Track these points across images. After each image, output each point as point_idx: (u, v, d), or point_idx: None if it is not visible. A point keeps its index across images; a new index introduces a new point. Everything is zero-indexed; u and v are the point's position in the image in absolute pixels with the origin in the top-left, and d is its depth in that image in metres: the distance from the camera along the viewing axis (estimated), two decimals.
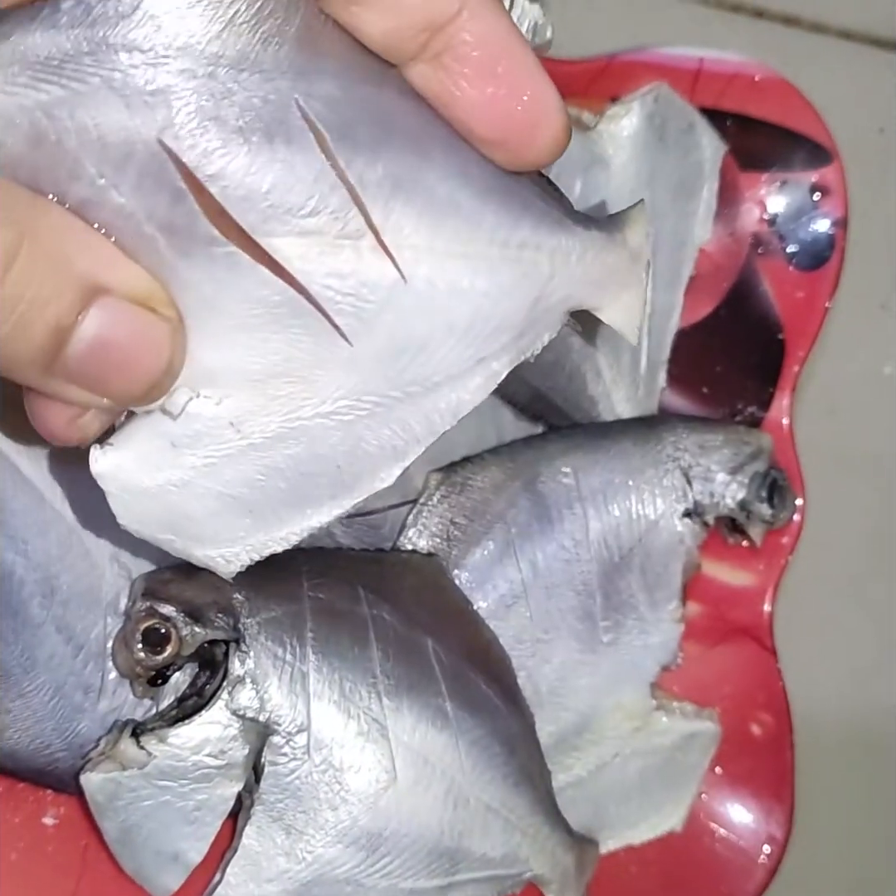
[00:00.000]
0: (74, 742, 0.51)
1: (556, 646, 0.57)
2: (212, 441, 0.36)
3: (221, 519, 0.37)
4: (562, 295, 0.38)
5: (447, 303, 0.36)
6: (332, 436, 0.36)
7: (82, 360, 0.33)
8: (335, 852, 0.50)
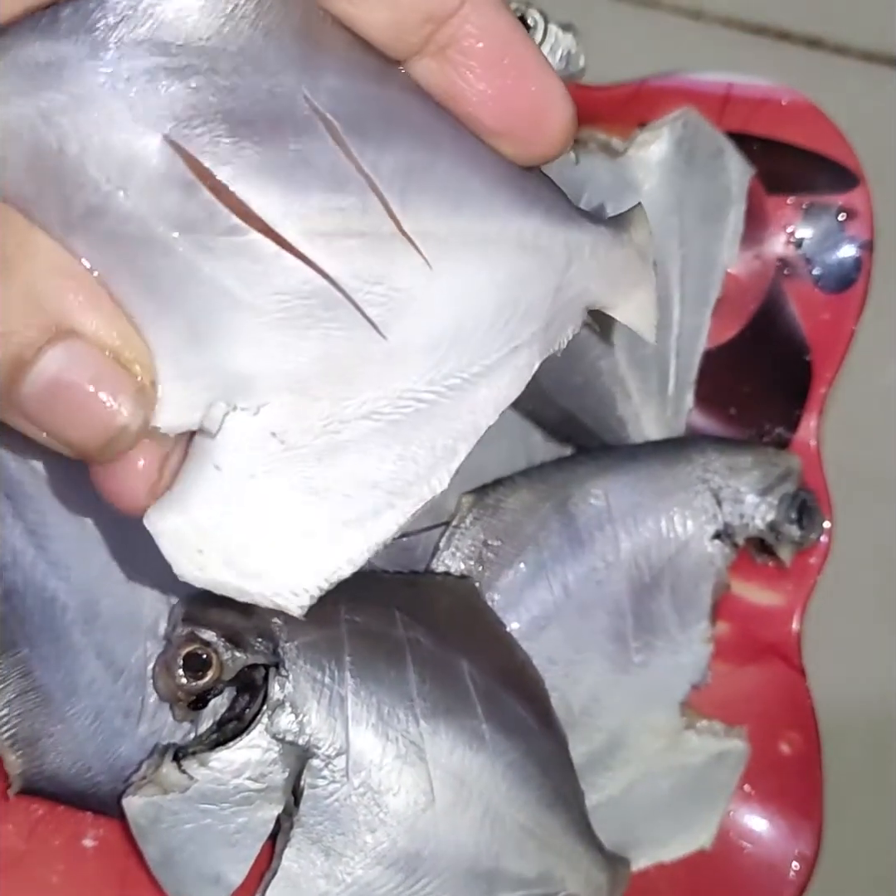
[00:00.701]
0: (115, 765, 0.51)
1: (588, 666, 0.57)
2: (256, 456, 0.34)
3: (279, 546, 0.35)
4: (579, 287, 0.38)
5: (473, 291, 0.35)
6: (378, 440, 0.35)
7: (37, 398, 0.31)
8: (374, 874, 0.51)
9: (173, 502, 0.35)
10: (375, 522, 0.36)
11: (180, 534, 0.34)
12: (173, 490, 0.35)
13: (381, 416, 0.35)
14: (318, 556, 0.35)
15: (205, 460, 0.34)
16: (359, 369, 0.34)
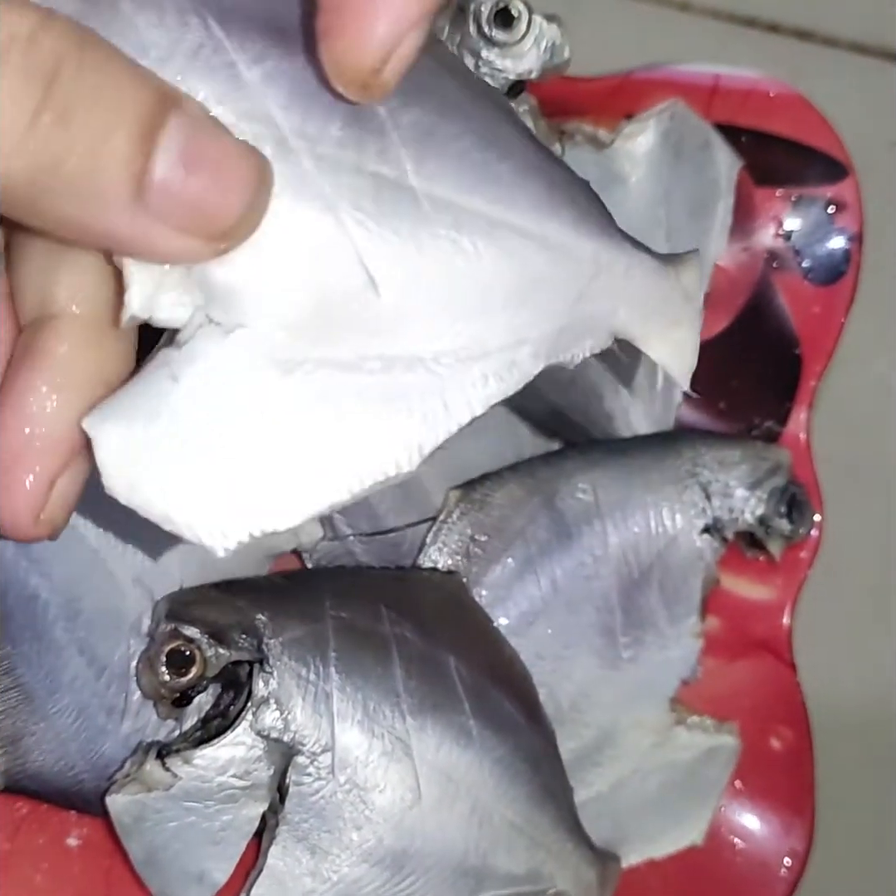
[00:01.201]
0: (98, 763, 0.51)
1: (576, 662, 0.57)
2: (217, 378, 0.31)
3: (219, 481, 0.32)
4: (606, 305, 0.35)
5: (482, 270, 0.33)
6: (355, 396, 0.32)
7: (173, 178, 0.28)
8: (360, 872, 0.50)
9: (119, 408, 0.31)
10: (327, 483, 0.32)
11: (119, 444, 0.31)
12: (120, 395, 0.32)
13: (363, 373, 0.32)
14: (256, 503, 0.32)
15: (162, 372, 0.31)
16: (347, 319, 0.32)
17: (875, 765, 0.62)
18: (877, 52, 0.65)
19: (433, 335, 0.33)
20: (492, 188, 0.34)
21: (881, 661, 0.63)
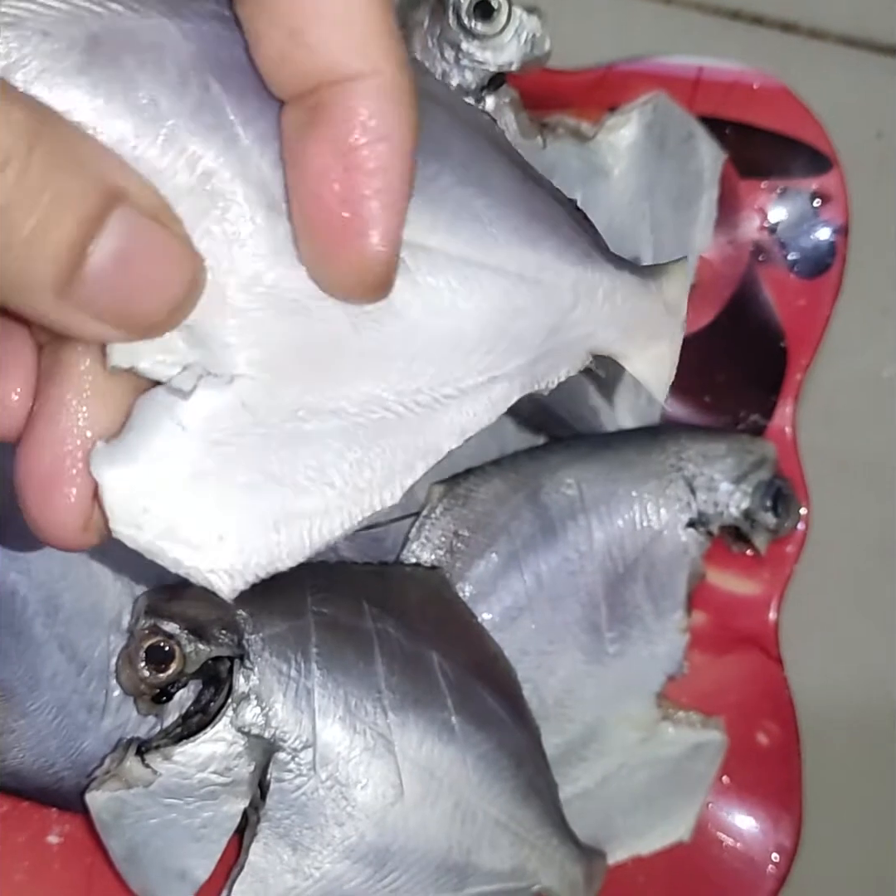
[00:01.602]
0: (79, 760, 0.51)
1: (561, 657, 0.57)
2: (226, 426, 0.33)
3: (226, 524, 0.33)
4: (584, 331, 0.36)
5: (456, 313, 0.34)
6: (341, 438, 0.34)
7: (102, 276, 0.29)
8: (342, 868, 0.50)
9: (125, 451, 0.32)
10: (323, 521, 0.34)
11: (127, 486, 0.32)
12: (126, 440, 0.32)
13: (348, 416, 0.34)
14: (263, 543, 0.34)
15: (166, 417, 0.32)
16: (333, 365, 0.33)
17: (863, 759, 0.62)
18: (861, 45, 0.65)
19: (410, 376, 0.34)
20: (469, 227, 0.34)
21: (869, 656, 0.62)
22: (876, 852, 0.61)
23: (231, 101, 0.31)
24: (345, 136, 0.29)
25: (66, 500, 0.32)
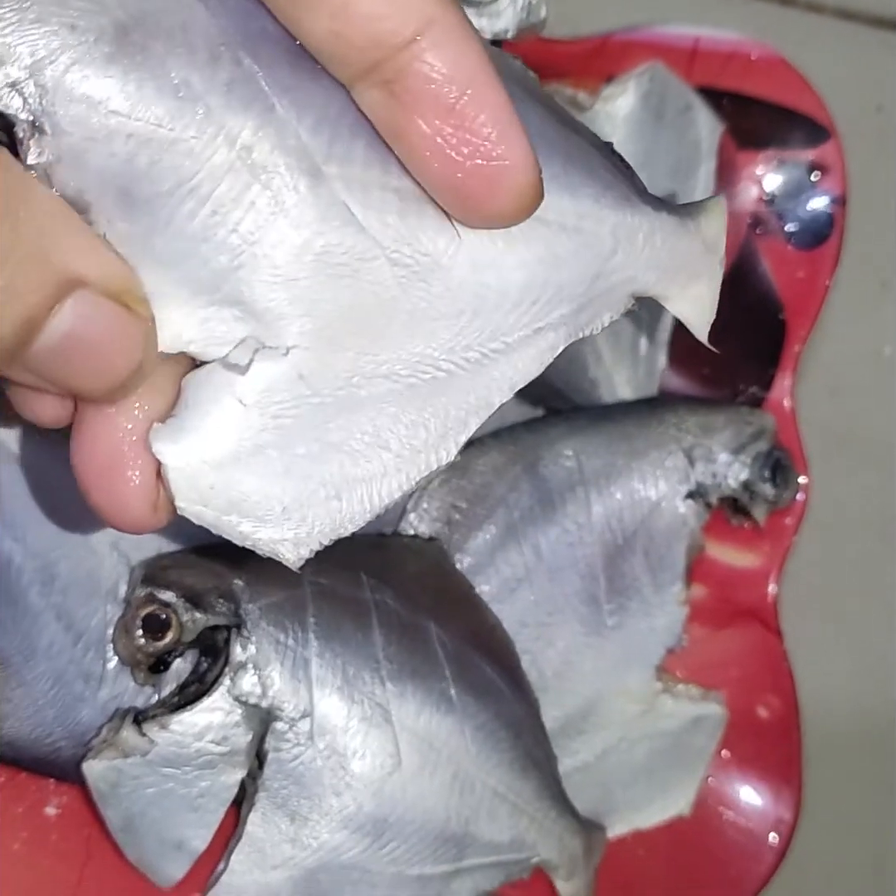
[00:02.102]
0: (76, 730, 0.50)
1: (560, 629, 0.57)
2: (283, 398, 0.33)
3: (289, 494, 0.34)
4: (625, 275, 0.36)
5: (500, 266, 0.34)
6: (395, 401, 0.34)
7: (50, 355, 0.30)
8: (340, 838, 0.50)
9: (186, 429, 0.33)
10: (381, 484, 0.35)
11: (191, 463, 0.33)
12: (186, 416, 0.33)
13: (400, 378, 0.34)
14: (325, 511, 0.34)
15: (225, 394, 0.33)
16: (383, 327, 0.33)
17: (863, 732, 0.62)
18: (860, 17, 0.65)
19: (458, 333, 0.34)
20: None
21: (869, 628, 0.62)
22: (876, 825, 0.60)
23: (263, 72, 0.31)
24: (436, 100, 0.30)
25: (131, 485, 0.32)
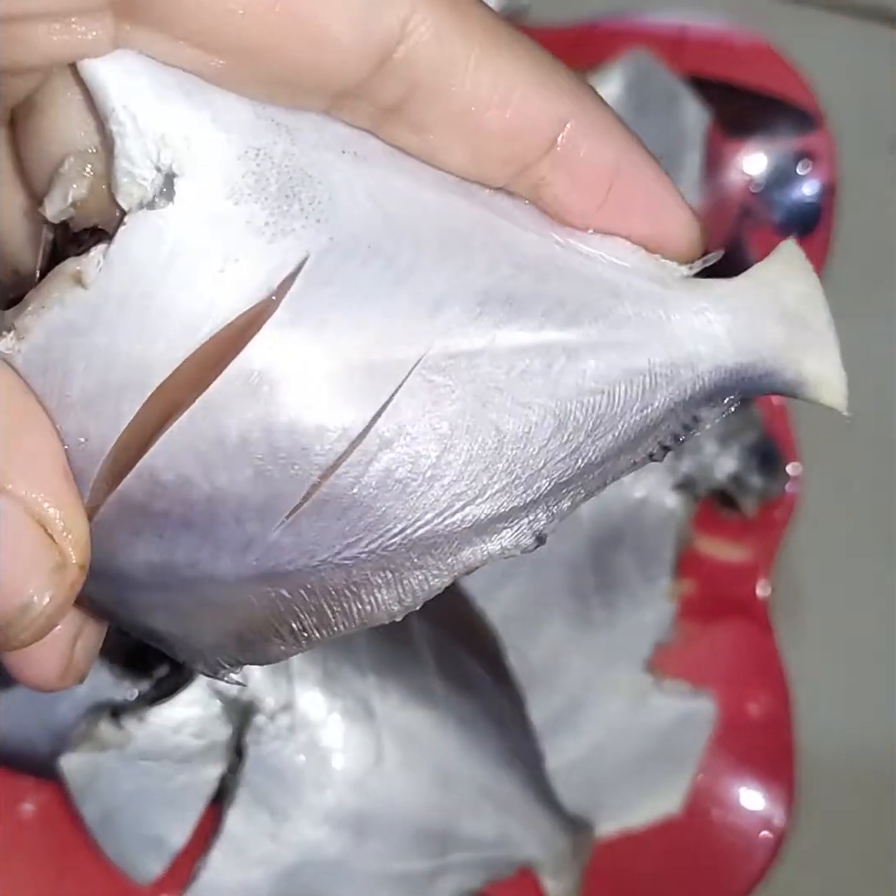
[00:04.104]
0: (52, 727, 0.50)
1: (547, 624, 0.56)
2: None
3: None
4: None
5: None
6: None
7: None
8: (322, 834, 0.49)
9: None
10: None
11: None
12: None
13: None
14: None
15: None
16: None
17: (857, 728, 0.61)
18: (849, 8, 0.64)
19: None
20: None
21: (863, 623, 0.61)
22: (870, 822, 0.60)
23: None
24: (594, 193, 0.28)
25: (42, 662, 0.30)
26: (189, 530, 0.27)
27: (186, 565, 0.27)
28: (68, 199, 0.26)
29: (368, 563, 0.27)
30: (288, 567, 0.27)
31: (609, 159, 0.28)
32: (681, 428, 0.29)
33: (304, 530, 0.27)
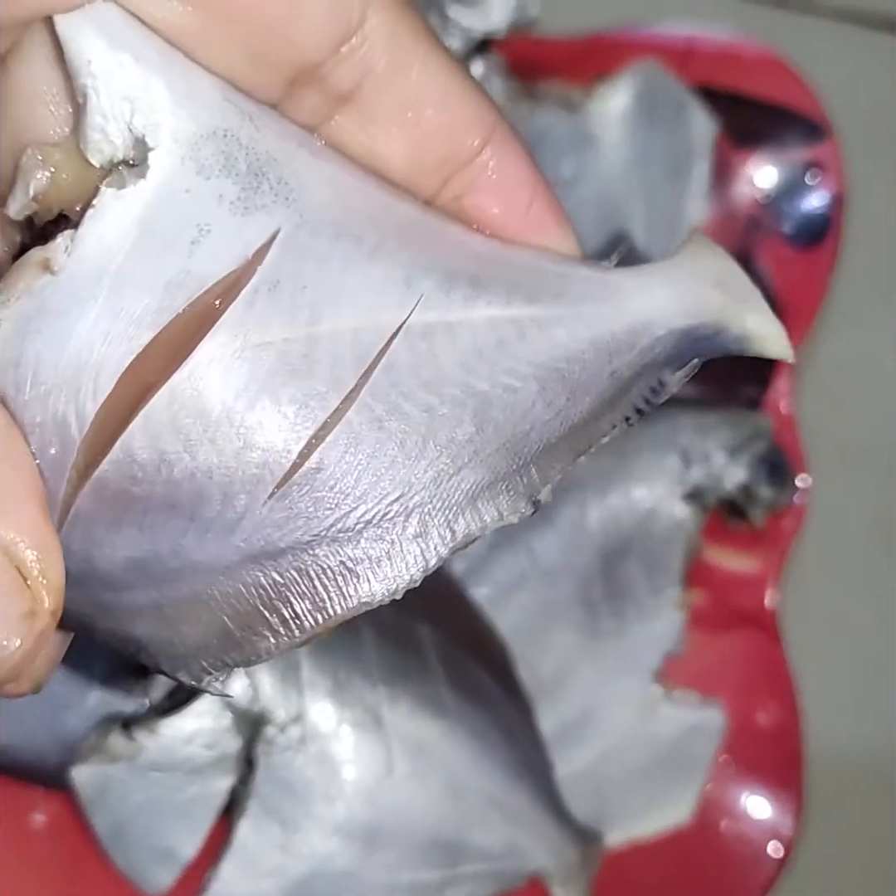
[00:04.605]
0: (63, 737, 0.50)
1: (556, 634, 0.56)
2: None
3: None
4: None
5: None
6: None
7: None
8: (332, 845, 0.49)
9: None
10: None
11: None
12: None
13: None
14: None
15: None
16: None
17: (866, 739, 0.61)
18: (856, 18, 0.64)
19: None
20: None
21: (871, 634, 0.61)
22: (879, 832, 0.59)
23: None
24: (517, 205, 0.30)
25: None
26: (172, 513, 0.26)
27: (170, 554, 0.26)
28: (30, 193, 0.26)
29: (364, 536, 0.27)
30: (279, 544, 0.26)
31: (530, 174, 0.30)
32: (649, 391, 0.31)
33: (296, 502, 0.26)
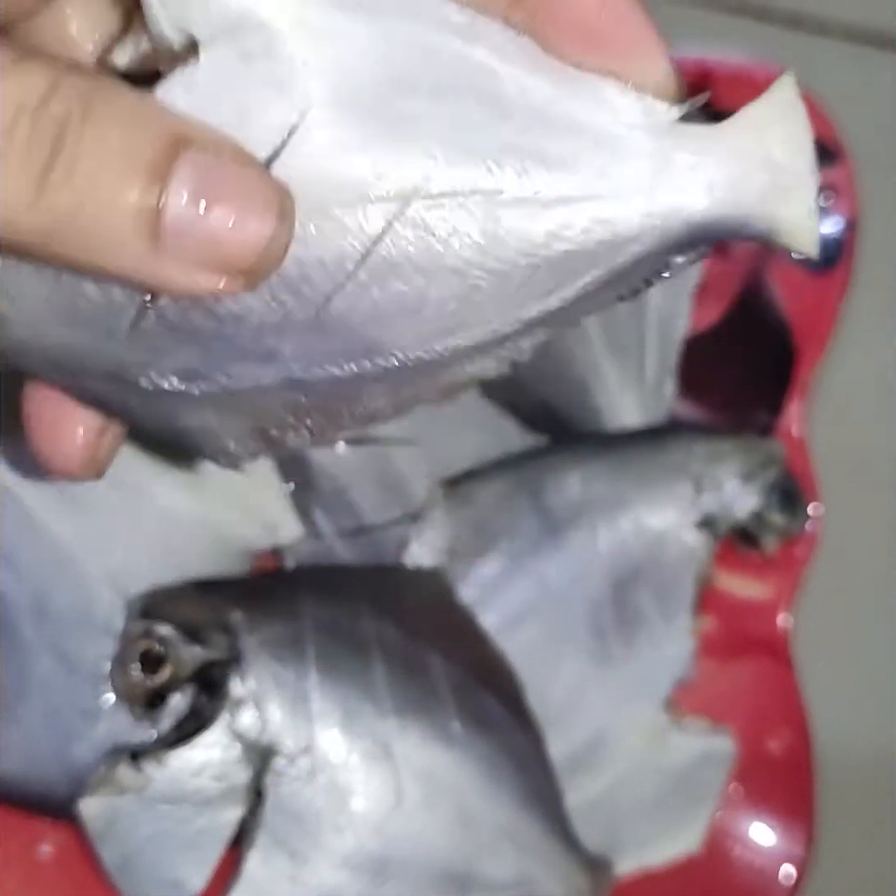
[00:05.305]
0: (71, 768, 0.49)
1: (566, 661, 0.56)
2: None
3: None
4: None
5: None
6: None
7: (181, 223, 0.27)
8: (341, 877, 0.49)
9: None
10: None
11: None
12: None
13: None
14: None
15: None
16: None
17: (879, 767, 0.60)
18: (869, 39, 0.64)
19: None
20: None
21: (884, 660, 0.61)
22: (891, 861, 0.59)
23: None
24: (582, 26, 0.30)
25: (73, 436, 0.34)
26: (218, 342, 0.30)
27: (219, 371, 0.31)
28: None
29: (368, 378, 0.31)
30: (303, 375, 0.31)
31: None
32: (653, 273, 0.30)
33: (313, 345, 0.30)
